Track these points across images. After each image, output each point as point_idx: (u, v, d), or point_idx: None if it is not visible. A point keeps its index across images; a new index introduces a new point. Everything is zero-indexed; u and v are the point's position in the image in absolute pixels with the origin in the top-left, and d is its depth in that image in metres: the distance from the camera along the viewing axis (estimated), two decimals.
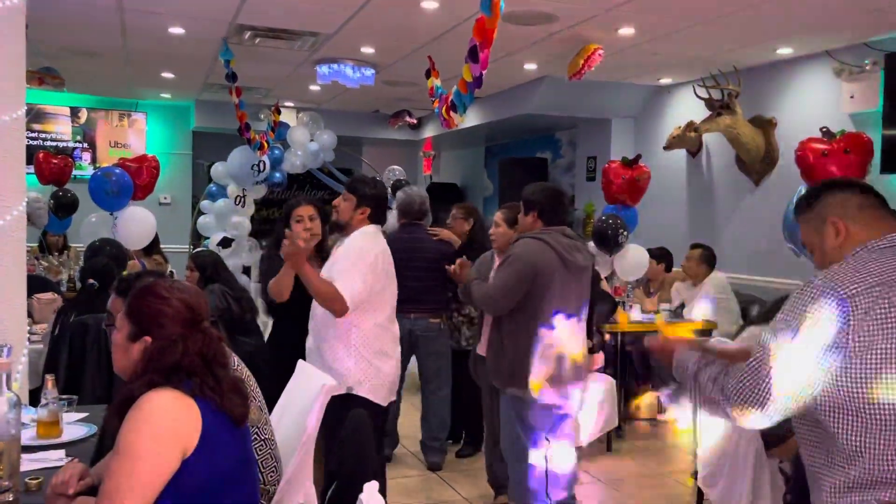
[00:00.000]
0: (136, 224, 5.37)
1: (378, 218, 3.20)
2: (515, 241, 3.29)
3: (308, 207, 3.64)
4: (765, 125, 5.97)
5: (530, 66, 6.45)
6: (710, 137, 6.43)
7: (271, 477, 2.39)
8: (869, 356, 1.53)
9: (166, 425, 1.63)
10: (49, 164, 6.71)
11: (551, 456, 3.29)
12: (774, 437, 3.27)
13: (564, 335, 3.17)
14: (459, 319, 4.68)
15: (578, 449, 4.54)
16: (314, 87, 7.76)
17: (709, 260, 5.63)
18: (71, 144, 9.11)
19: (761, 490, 3.19)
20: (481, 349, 3.62)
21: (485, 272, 3.51)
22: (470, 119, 7.70)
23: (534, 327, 3.12)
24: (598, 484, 4.30)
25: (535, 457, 3.26)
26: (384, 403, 3.13)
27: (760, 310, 4.67)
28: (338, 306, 2.94)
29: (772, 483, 3.20)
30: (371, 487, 1.48)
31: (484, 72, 3.48)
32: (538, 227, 3.25)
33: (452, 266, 3.49)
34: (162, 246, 6.19)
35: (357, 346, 3.06)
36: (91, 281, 3.64)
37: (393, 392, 3.20)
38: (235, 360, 2.20)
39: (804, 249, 4.12)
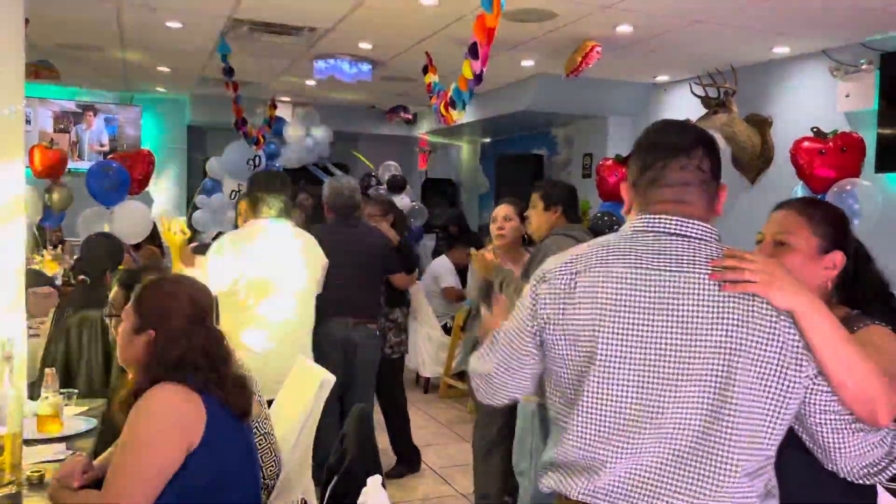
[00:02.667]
0: (132, 218, 5.36)
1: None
2: (543, 239, 3.21)
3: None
4: (761, 124, 5.99)
5: (527, 63, 6.46)
6: None
7: (270, 471, 2.40)
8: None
9: (171, 419, 1.64)
10: (44, 157, 6.68)
11: None
12: None
13: None
14: (386, 325, 4.36)
15: None
16: (310, 82, 7.75)
17: None
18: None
19: None
20: None
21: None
22: (466, 115, 7.69)
23: None
24: None
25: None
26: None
27: None
28: None
29: None
30: (375, 481, 1.50)
31: (484, 69, 3.49)
32: (561, 224, 3.23)
33: (481, 252, 3.13)
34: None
35: None
36: (81, 277, 3.63)
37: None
38: (237, 357, 2.20)
39: None
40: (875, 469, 1.45)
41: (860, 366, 1.37)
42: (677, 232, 1.46)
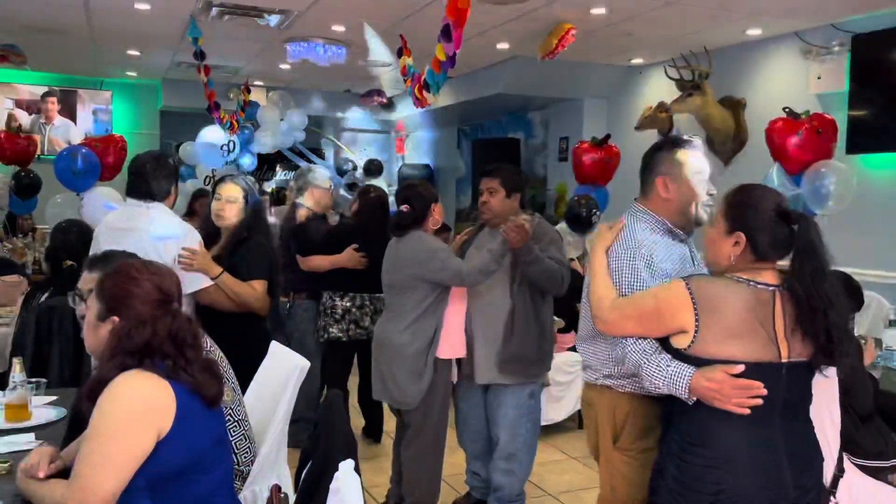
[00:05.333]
0: (103, 205, 5.27)
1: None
2: (499, 226, 3.22)
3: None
4: (734, 106, 6.03)
5: (503, 46, 6.43)
6: (680, 118, 6.47)
7: (245, 457, 2.39)
8: None
9: (140, 406, 1.61)
10: (12, 144, 6.54)
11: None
12: None
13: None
14: (319, 309, 4.37)
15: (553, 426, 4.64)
16: (284, 66, 7.67)
17: None
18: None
19: None
20: (445, 353, 3.25)
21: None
22: (442, 99, 7.66)
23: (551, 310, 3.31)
24: (571, 461, 4.36)
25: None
26: None
27: None
28: None
29: None
30: (347, 465, 1.49)
31: (457, 51, 3.46)
32: (517, 209, 3.29)
33: (520, 220, 3.01)
34: None
35: None
36: (70, 262, 3.57)
37: None
38: (208, 342, 2.18)
39: None
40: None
41: (594, 290, 2.11)
42: None
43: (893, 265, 4.80)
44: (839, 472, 2.82)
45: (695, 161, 2.20)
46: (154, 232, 2.92)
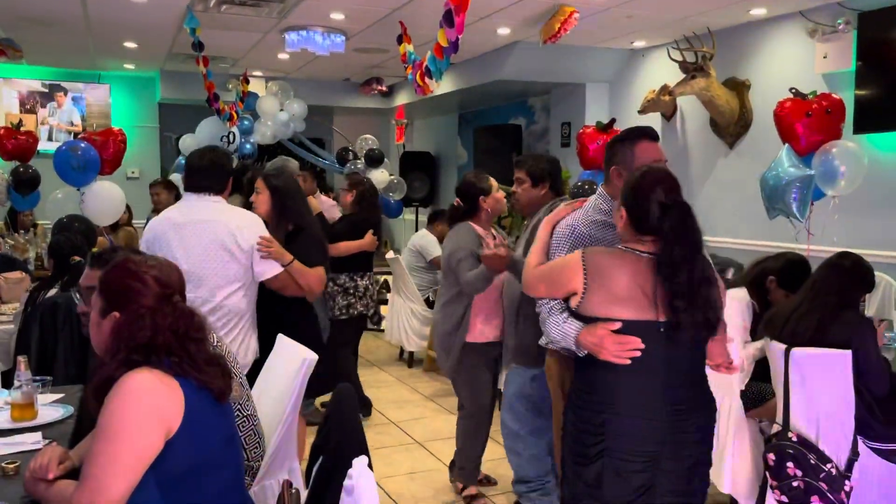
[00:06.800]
0: (104, 199, 5.24)
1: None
2: (534, 215, 3.26)
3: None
4: (739, 87, 5.97)
5: (503, 31, 6.36)
6: (684, 101, 6.41)
7: (254, 453, 2.36)
8: None
9: (148, 405, 1.58)
10: (10, 139, 6.50)
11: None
12: (754, 399, 3.32)
13: None
14: (335, 289, 4.71)
15: None
16: (283, 56, 7.60)
17: None
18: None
19: (742, 450, 3.23)
20: (474, 336, 3.56)
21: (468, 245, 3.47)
22: (443, 86, 7.59)
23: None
24: None
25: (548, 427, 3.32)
26: None
27: (736, 272, 4.70)
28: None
29: (753, 443, 3.25)
30: (361, 462, 1.46)
31: (460, 36, 3.41)
32: (549, 199, 3.28)
33: (492, 252, 3.19)
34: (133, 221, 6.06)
35: None
36: (77, 259, 3.53)
37: None
38: (215, 338, 2.15)
39: (777, 213, 4.16)
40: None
41: (529, 256, 2.43)
42: None
43: None
44: (854, 454, 2.80)
45: (645, 154, 2.40)
46: (231, 222, 3.04)
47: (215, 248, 2.99)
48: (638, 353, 2.04)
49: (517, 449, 3.40)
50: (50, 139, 8.92)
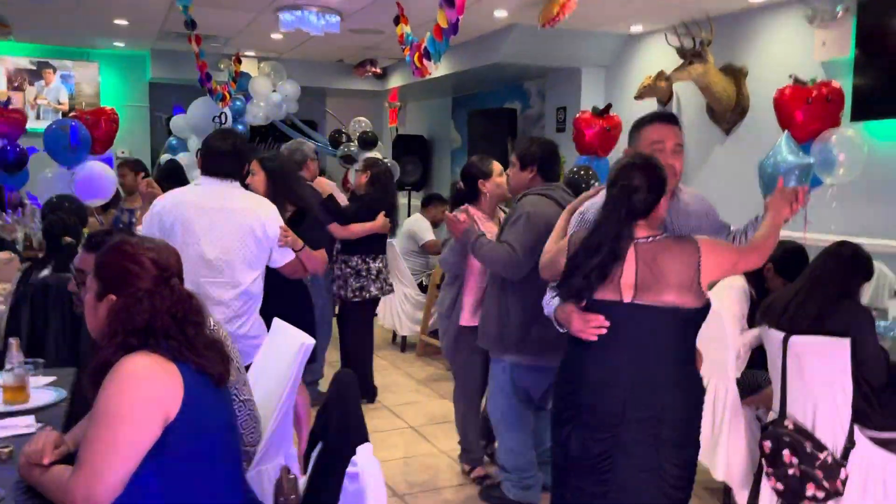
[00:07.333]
0: (95, 179, 5.17)
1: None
2: (520, 199, 3.23)
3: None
4: (736, 74, 5.93)
5: (500, 14, 6.30)
6: (681, 87, 6.37)
7: (251, 438, 2.34)
8: None
9: (146, 389, 1.55)
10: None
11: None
12: (750, 386, 3.32)
13: None
14: (347, 271, 4.73)
15: None
16: (276, 36, 7.51)
17: None
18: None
19: (737, 437, 3.24)
20: (465, 320, 3.56)
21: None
22: (437, 69, 7.53)
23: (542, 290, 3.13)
24: None
25: (527, 422, 3.30)
26: None
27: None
28: None
29: (748, 430, 3.25)
30: (366, 450, 1.43)
31: (460, 17, 3.36)
32: (537, 183, 3.22)
33: (453, 214, 3.32)
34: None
35: None
36: (70, 239, 3.48)
37: None
38: (212, 322, 2.12)
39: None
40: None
41: (547, 243, 2.58)
42: None
43: None
44: (850, 444, 2.81)
45: (647, 137, 2.45)
46: (261, 211, 3.06)
47: (245, 235, 3.01)
48: (604, 331, 2.17)
49: (498, 437, 3.44)
50: (38, 118, 8.79)
